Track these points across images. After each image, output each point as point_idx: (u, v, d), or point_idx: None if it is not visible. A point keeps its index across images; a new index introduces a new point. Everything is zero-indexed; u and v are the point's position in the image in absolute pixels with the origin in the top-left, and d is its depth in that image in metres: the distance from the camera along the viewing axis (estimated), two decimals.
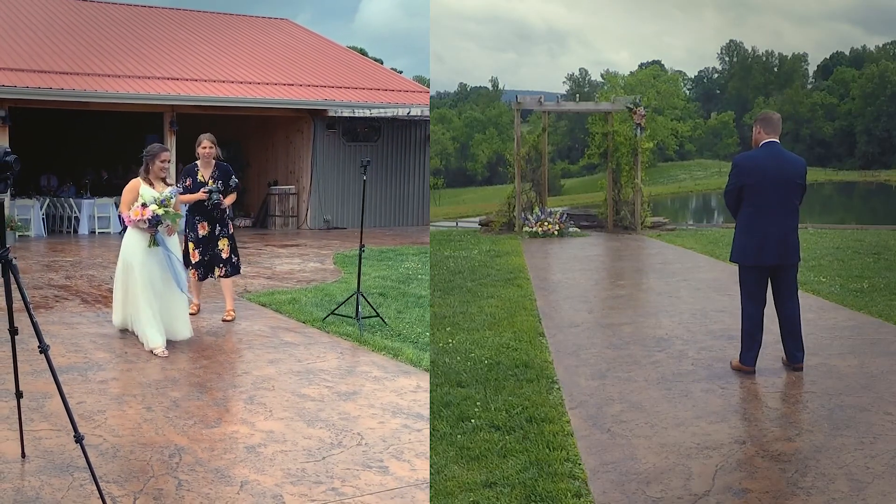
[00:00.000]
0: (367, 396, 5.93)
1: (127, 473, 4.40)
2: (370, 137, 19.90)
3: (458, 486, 4.02)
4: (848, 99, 71.14)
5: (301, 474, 4.48)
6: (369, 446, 4.94)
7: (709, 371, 5.90)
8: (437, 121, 67.15)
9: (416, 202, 20.81)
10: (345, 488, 4.33)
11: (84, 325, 7.94)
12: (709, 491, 3.91)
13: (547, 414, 4.97)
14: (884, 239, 14.39)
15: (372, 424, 5.33)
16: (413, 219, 20.63)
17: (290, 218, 19.31)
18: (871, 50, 77.67)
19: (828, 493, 3.87)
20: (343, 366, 6.76)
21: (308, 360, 6.84)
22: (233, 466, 4.56)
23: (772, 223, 5.76)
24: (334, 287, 10.21)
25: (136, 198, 7.17)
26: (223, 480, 4.36)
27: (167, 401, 5.67)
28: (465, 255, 12.48)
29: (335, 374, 6.46)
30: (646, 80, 62.39)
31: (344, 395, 5.92)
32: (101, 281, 10.61)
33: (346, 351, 7.25)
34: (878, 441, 4.50)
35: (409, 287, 10.35)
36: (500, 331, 7.16)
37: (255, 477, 4.43)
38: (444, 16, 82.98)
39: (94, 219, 17.42)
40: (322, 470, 4.55)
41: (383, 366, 6.76)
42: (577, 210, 19.01)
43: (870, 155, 68.96)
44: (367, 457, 4.77)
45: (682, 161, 70.56)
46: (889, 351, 6.43)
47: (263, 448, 4.85)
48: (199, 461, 4.60)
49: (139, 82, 17.32)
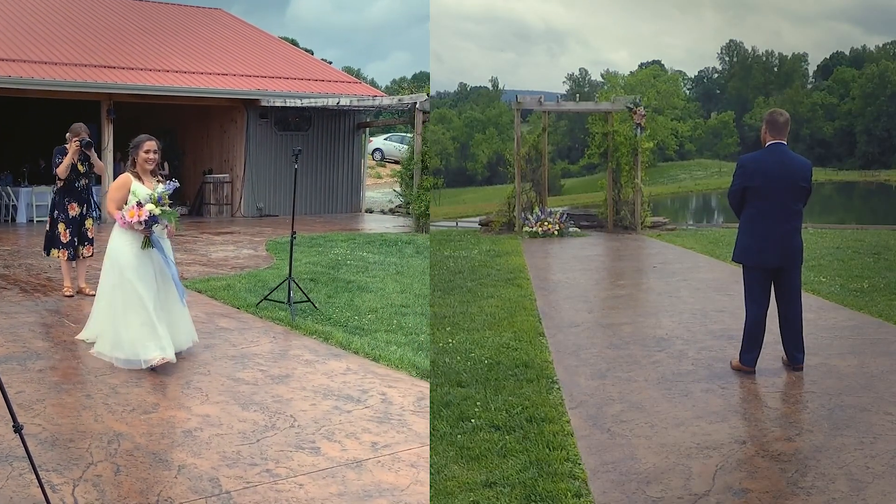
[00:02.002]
0: (300, 379, 6.13)
1: (66, 461, 4.46)
2: (301, 127, 20.33)
3: (458, 486, 4.02)
4: (848, 99, 71.06)
5: (236, 457, 4.62)
6: (302, 428, 5.11)
7: (709, 371, 5.90)
8: (437, 121, 67.11)
9: (346, 190, 21.33)
10: (279, 469, 4.47)
11: (23, 315, 7.96)
12: (709, 491, 3.91)
13: (547, 414, 4.97)
14: (884, 239, 14.39)
15: (304, 407, 5.51)
16: (342, 206, 21.16)
17: (225, 206, 19.78)
18: (871, 50, 77.61)
19: (828, 493, 3.87)
20: (276, 350, 6.97)
21: (242, 344, 6.98)
22: (170, 451, 4.68)
23: (774, 225, 5.75)
24: (267, 273, 10.55)
25: (126, 195, 6.41)
26: (161, 465, 4.47)
27: (106, 388, 5.76)
28: (465, 255, 12.49)
29: (268, 359, 6.65)
30: (646, 80, 62.39)
31: (277, 379, 6.11)
32: (40, 270, 10.63)
33: (279, 335, 7.47)
34: (878, 441, 4.50)
35: (339, 272, 10.75)
36: (500, 331, 7.16)
37: (192, 461, 4.54)
38: (443, 15, 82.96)
39: (33, 207, 17.36)
40: (257, 452, 4.69)
41: (314, 349, 6.99)
42: (577, 210, 18.99)
43: (870, 155, 68.89)
44: (300, 438, 4.94)
45: (682, 161, 70.47)
46: (889, 351, 6.44)
47: (200, 432, 4.98)
48: (138, 446, 4.71)
49: (76, 70, 17.33)
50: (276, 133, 19.89)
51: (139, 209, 6.25)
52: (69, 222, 8.72)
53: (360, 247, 13.49)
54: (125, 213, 6.28)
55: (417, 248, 13.68)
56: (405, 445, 4.89)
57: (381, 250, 13.20)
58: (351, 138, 21.27)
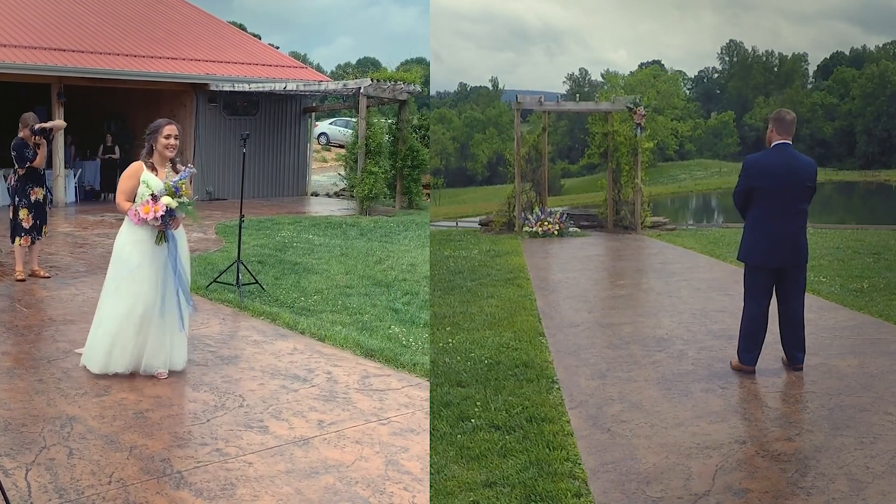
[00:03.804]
0: (248, 360, 6.29)
1: (19, 445, 4.50)
2: (249, 111, 20.50)
3: (458, 486, 4.02)
4: (848, 99, 71.05)
5: (187, 437, 4.74)
6: (250, 408, 5.25)
7: (709, 371, 5.90)
8: (437, 121, 67.12)
9: (292, 174, 21.53)
10: (228, 448, 4.59)
11: None
12: (709, 491, 3.91)
13: (547, 414, 4.97)
14: (884, 239, 14.38)
15: (252, 387, 5.66)
16: (289, 190, 21.36)
17: None
18: (871, 50, 77.60)
19: (828, 493, 3.87)
20: (225, 331, 7.12)
21: (192, 326, 7.02)
22: (122, 433, 4.75)
23: (781, 225, 5.74)
24: (216, 256, 10.78)
25: (136, 185, 5.74)
26: (113, 447, 4.54)
27: (58, 372, 5.81)
28: (465, 255, 12.49)
29: (218, 340, 6.79)
30: (646, 80, 62.39)
31: (226, 360, 6.25)
32: None
33: (228, 317, 7.65)
34: (878, 441, 4.50)
35: (286, 255, 11.07)
36: (500, 331, 7.16)
37: (144, 441, 4.63)
38: (441, 15, 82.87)
39: None
40: (207, 432, 4.81)
41: (262, 330, 7.18)
42: (577, 210, 18.99)
43: (870, 155, 68.87)
44: (249, 418, 5.08)
45: (682, 161, 70.45)
46: (889, 351, 6.43)
47: (151, 413, 5.09)
48: (90, 429, 4.78)
49: (26, 52, 17.19)
50: (224, 117, 20.02)
51: (154, 203, 5.60)
52: (32, 207, 8.87)
53: (307, 229, 13.95)
54: (139, 209, 5.62)
55: (361, 230, 14.13)
56: (350, 423, 5.05)
57: (326, 233, 13.64)
58: (297, 123, 21.51)
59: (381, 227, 14.78)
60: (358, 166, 17.60)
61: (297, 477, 4.27)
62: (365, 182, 17.18)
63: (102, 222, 14.64)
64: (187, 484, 4.13)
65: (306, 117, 21.84)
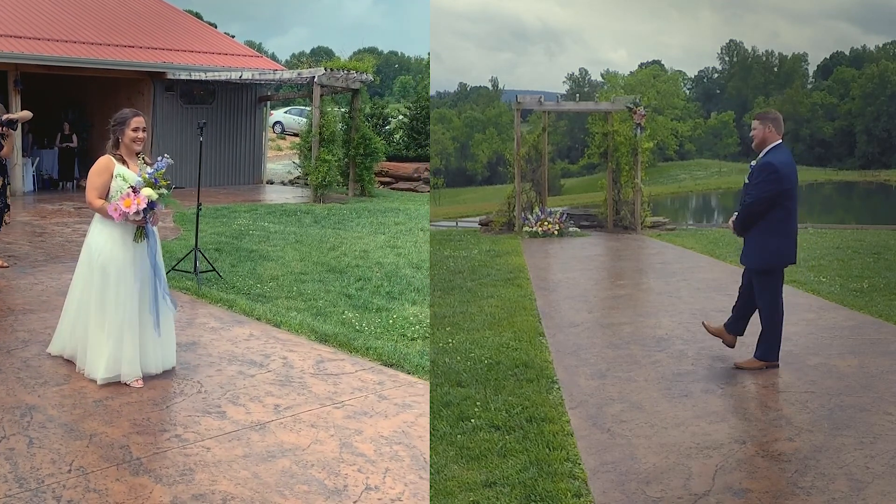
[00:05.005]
0: (206, 346, 6.38)
1: None
2: (206, 100, 20.62)
3: (458, 486, 4.02)
4: (848, 99, 71.00)
5: (146, 423, 4.80)
6: (208, 393, 5.34)
7: (709, 371, 5.90)
8: (437, 120, 67.10)
9: (248, 162, 21.74)
10: (187, 434, 4.67)
11: None
12: (709, 491, 3.91)
13: (547, 414, 4.97)
14: (884, 239, 14.38)
15: (210, 373, 5.74)
16: (245, 178, 21.57)
17: None
18: (871, 50, 77.57)
19: (828, 493, 3.86)
20: (183, 318, 7.15)
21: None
22: (82, 421, 4.80)
23: (796, 223, 5.90)
24: (174, 244, 10.91)
25: (109, 181, 5.43)
26: (73, 435, 4.58)
27: (17, 362, 5.83)
28: (465, 255, 12.49)
29: (176, 326, 6.68)
30: (646, 80, 62.39)
31: (184, 346, 6.29)
32: None
33: (186, 304, 7.71)
34: (878, 441, 4.50)
35: (242, 242, 11.30)
36: (499, 331, 7.16)
37: (104, 429, 4.68)
38: (441, 15, 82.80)
39: None
40: (166, 418, 4.90)
41: (220, 317, 7.30)
42: (577, 210, 18.98)
43: (870, 155, 68.84)
44: (207, 403, 5.16)
45: (682, 161, 70.41)
46: (889, 351, 6.43)
47: (111, 401, 5.14)
48: (50, 418, 4.82)
49: None
50: (181, 106, 20.07)
51: (136, 196, 5.32)
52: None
53: (262, 217, 14.21)
54: (120, 204, 5.30)
55: (315, 217, 14.35)
56: (305, 407, 5.15)
57: (281, 220, 13.86)
58: (253, 111, 21.70)
59: (335, 214, 15.07)
60: (312, 154, 17.89)
61: (255, 461, 4.36)
62: (319, 170, 17.48)
63: (61, 211, 14.69)
64: (147, 470, 4.20)
65: (262, 106, 22.07)
